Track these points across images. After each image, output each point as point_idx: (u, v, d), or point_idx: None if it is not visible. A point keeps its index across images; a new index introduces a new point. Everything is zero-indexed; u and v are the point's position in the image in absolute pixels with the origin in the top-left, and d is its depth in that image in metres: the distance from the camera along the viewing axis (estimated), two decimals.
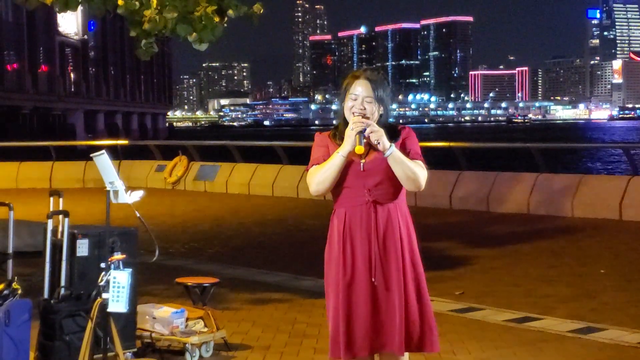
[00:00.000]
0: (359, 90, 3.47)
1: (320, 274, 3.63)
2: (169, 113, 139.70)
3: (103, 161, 3.70)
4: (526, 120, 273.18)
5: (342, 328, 3.43)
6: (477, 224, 12.55)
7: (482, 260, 9.23)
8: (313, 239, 10.80)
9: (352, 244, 3.46)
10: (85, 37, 78.41)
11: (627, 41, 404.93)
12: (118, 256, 3.46)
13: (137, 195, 3.71)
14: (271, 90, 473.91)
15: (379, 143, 3.36)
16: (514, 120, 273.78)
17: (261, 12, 7.13)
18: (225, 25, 7.19)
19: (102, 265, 3.52)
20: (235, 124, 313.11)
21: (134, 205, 3.71)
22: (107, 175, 3.72)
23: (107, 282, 3.47)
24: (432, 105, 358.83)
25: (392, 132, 3.50)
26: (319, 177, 3.43)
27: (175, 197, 17.49)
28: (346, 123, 3.50)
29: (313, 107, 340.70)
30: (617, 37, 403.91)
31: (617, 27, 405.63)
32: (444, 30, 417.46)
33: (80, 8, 7.79)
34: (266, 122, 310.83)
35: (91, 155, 3.87)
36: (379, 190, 3.45)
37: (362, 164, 3.45)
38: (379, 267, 3.45)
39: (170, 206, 15.51)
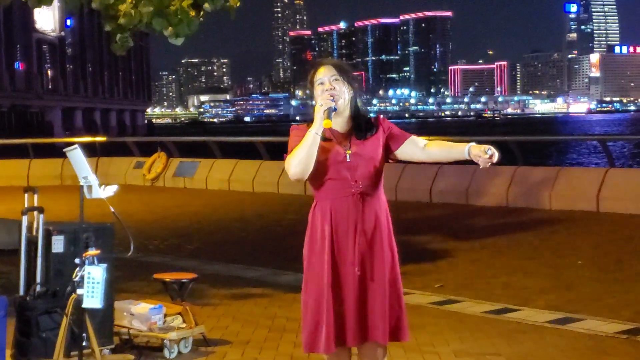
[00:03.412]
0: (323, 73, 3.49)
1: (300, 269, 3.60)
2: (148, 110, 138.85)
3: (76, 156, 3.66)
4: (495, 115, 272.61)
5: (329, 321, 3.41)
6: (457, 217, 12.60)
7: (461, 253, 9.27)
8: (293, 233, 10.78)
9: (337, 237, 3.44)
10: (63, 33, 77.71)
11: (604, 35, 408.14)
12: (92, 252, 3.43)
13: (111, 190, 3.68)
14: (251, 86, 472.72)
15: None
16: (483, 115, 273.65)
17: (238, 5, 7.09)
18: (202, 19, 7.15)
19: (77, 260, 3.49)
20: (215, 120, 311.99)
21: (108, 200, 3.68)
22: (80, 170, 3.68)
23: (82, 277, 3.44)
24: (412, 100, 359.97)
25: (368, 124, 3.50)
26: (296, 158, 3.38)
27: (155, 193, 17.40)
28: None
29: (294, 102, 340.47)
30: (595, 31, 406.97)
31: (594, 20, 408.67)
32: (423, 25, 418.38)
33: (56, 4, 7.72)
34: (247, 118, 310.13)
35: (64, 150, 3.84)
36: (364, 182, 3.44)
37: (347, 155, 3.43)
38: (365, 258, 3.44)
39: (149, 203, 15.43)
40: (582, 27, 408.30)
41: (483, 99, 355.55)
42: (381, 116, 3.57)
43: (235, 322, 6.20)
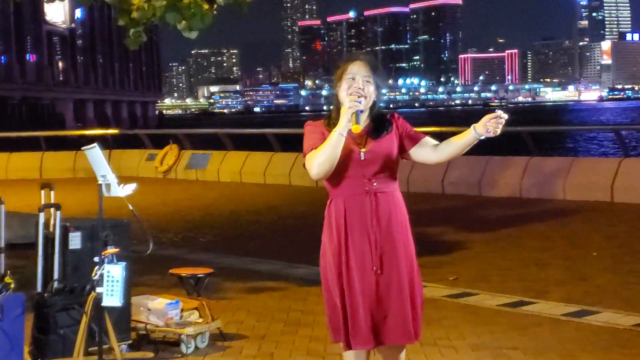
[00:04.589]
0: (356, 69, 3.43)
1: (313, 262, 3.60)
2: (158, 101, 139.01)
3: (95, 154, 3.66)
4: (502, 104, 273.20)
5: (345, 320, 3.40)
6: (470, 209, 12.56)
7: (475, 245, 9.25)
8: (306, 226, 10.80)
9: (352, 234, 3.42)
10: (73, 25, 77.90)
11: (615, 22, 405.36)
12: (111, 250, 3.43)
13: (129, 189, 3.67)
14: (261, 76, 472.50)
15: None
16: (490, 104, 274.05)
17: None
18: (215, 12, 7.13)
19: (96, 259, 3.49)
20: (225, 111, 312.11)
21: (126, 199, 3.67)
22: (99, 168, 3.68)
23: (101, 276, 3.45)
24: (422, 90, 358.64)
25: (383, 121, 3.47)
26: (320, 158, 3.33)
27: (167, 186, 17.44)
28: (338, 111, 3.45)
29: (303, 92, 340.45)
30: (606, 18, 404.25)
31: (605, 7, 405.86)
32: (433, 14, 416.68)
33: None
34: (256, 109, 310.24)
35: (82, 148, 3.84)
36: (378, 179, 3.43)
37: (362, 153, 3.41)
38: (381, 256, 3.42)
39: (162, 195, 15.46)
40: (594, 14, 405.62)
41: (493, 88, 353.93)
42: (396, 114, 3.55)
43: (250, 316, 6.21)
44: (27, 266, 6.69)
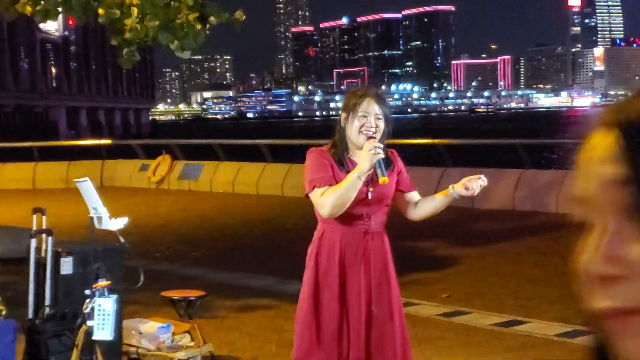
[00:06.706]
0: (370, 108, 3.38)
1: None
2: (151, 108, 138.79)
3: (86, 188, 3.65)
4: (489, 110, 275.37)
5: (334, 353, 3.40)
6: (463, 221, 12.55)
7: (468, 260, 9.24)
8: (298, 239, 10.74)
9: (345, 271, 3.40)
10: (66, 33, 77.81)
11: (608, 28, 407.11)
12: (103, 283, 3.42)
13: (120, 223, 3.66)
14: (254, 82, 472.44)
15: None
16: (476, 110, 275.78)
17: (243, 18, 7.07)
18: (208, 32, 7.13)
19: (87, 292, 3.48)
20: (218, 117, 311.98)
21: (118, 232, 3.66)
22: (90, 201, 3.68)
23: (92, 309, 3.43)
24: (415, 95, 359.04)
25: (388, 161, 3.46)
26: (338, 200, 3.26)
27: (160, 196, 17.39)
28: (345, 144, 3.42)
29: (296, 98, 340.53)
30: (598, 25, 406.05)
31: (597, 14, 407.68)
32: (425, 20, 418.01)
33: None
34: (249, 115, 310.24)
35: (74, 180, 3.83)
36: (377, 219, 3.43)
37: (369, 193, 3.37)
38: (375, 295, 3.42)
39: (154, 206, 15.42)
40: (586, 20, 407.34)
41: (486, 94, 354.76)
42: (394, 151, 3.54)
43: (242, 336, 6.18)
44: (19, 282, 6.66)
